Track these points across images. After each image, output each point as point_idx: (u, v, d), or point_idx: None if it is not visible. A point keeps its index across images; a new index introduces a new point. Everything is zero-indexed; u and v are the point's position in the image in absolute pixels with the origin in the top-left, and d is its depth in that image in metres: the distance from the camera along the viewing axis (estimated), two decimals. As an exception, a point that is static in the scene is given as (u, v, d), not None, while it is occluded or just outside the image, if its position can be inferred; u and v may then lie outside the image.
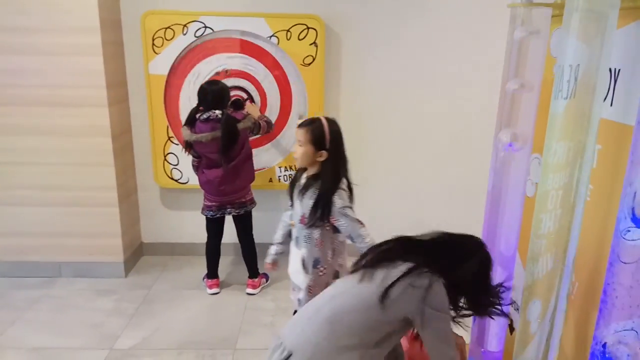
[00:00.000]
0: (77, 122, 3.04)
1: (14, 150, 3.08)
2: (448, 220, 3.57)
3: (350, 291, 1.54)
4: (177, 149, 3.35)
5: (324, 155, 1.96)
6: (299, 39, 3.19)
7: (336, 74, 3.34)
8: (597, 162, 1.45)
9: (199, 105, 2.89)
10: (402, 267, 1.49)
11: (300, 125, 2.00)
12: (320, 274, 2.07)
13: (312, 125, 1.96)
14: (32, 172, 3.11)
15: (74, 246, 3.26)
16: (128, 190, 3.37)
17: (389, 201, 3.58)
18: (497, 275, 1.78)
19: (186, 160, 3.22)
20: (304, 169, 2.07)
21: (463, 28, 3.25)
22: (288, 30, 3.17)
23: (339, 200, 1.96)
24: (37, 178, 3.12)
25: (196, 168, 3.05)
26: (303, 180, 2.06)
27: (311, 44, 3.20)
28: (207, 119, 2.82)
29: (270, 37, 3.18)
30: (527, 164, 1.76)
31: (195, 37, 3.17)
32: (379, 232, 3.62)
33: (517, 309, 1.78)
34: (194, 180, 3.41)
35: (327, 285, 1.87)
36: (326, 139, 1.94)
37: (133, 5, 3.18)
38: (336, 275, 2.12)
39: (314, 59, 3.22)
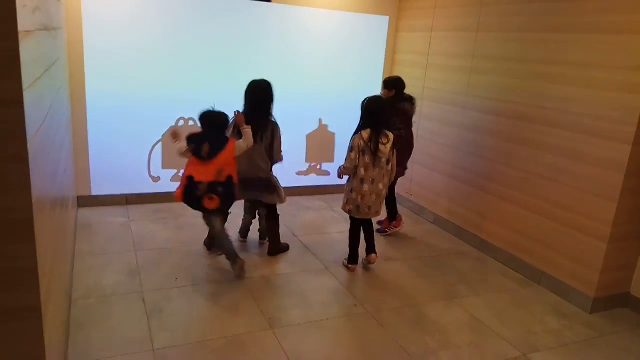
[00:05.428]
0: (595, 152, 3.20)
1: (543, 164, 3.60)
2: None
3: None
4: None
5: None
6: None
7: None
8: None
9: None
10: None
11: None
12: None
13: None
14: (548, 186, 3.56)
15: (555, 262, 3.51)
16: (627, 234, 3.22)
17: None
18: None
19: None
20: None
21: None
22: None
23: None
24: (549, 192, 3.55)
25: None
26: None
27: None
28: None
29: None
30: None
31: None
32: None
33: None
34: None
35: None
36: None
37: None
38: None
39: None
